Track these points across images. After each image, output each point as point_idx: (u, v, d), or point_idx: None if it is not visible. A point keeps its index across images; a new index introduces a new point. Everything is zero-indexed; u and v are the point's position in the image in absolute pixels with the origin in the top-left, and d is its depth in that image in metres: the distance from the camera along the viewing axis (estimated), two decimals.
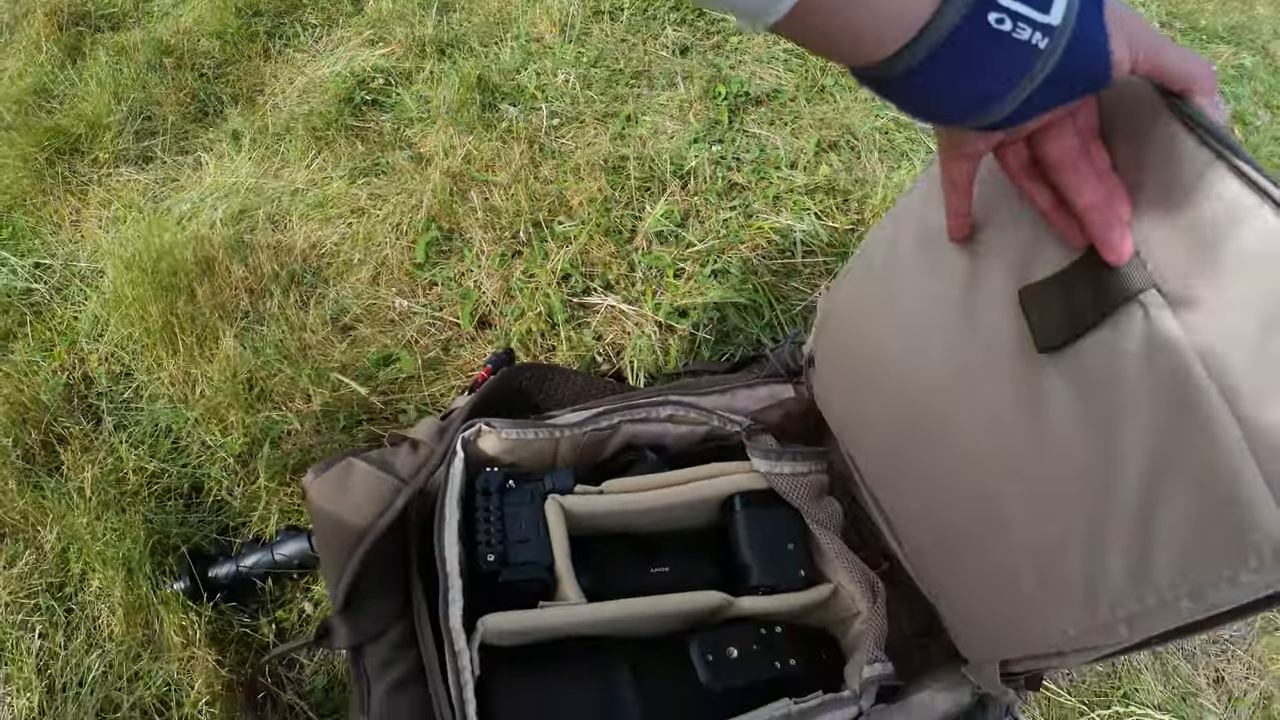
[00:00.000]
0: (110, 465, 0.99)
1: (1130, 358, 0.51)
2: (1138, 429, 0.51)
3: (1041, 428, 0.58)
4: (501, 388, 0.78)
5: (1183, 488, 0.49)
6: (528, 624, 0.65)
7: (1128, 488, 0.52)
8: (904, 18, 0.33)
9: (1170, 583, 0.51)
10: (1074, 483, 0.56)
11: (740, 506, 0.75)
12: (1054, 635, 0.59)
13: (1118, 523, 0.53)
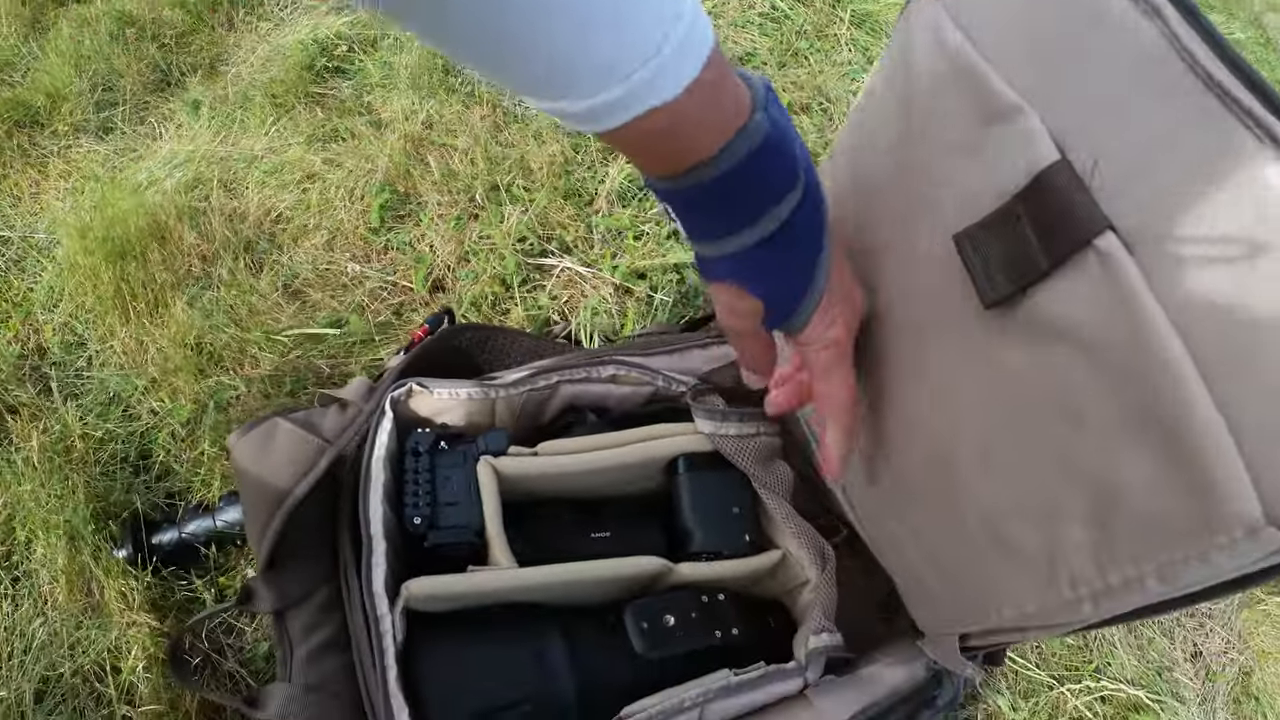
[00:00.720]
0: (58, 433, 0.97)
1: (1087, 313, 0.46)
2: (1097, 394, 0.46)
3: (994, 389, 0.53)
4: (439, 348, 0.75)
5: (1147, 458, 0.44)
6: (454, 589, 0.63)
7: (1088, 457, 0.48)
8: (700, 149, 0.40)
9: (1134, 559, 0.46)
10: (1030, 450, 0.52)
11: (684, 469, 0.72)
12: (1013, 610, 0.56)
13: (1078, 495, 0.49)
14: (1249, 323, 0.40)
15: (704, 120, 0.40)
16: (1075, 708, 0.92)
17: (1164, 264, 0.42)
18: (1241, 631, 1.06)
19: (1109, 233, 0.43)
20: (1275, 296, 0.38)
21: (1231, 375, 0.40)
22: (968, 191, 0.51)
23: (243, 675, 0.84)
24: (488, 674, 0.63)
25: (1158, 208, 0.42)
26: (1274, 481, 0.39)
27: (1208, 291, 0.41)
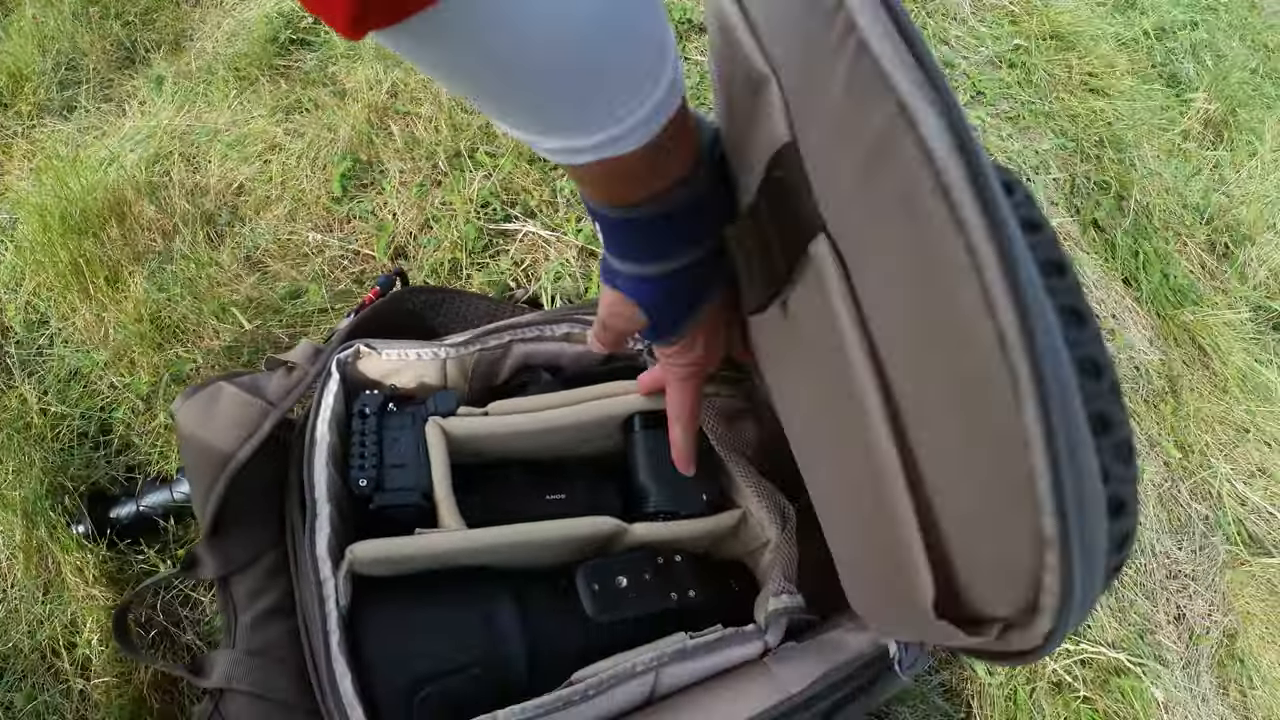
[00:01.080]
0: (16, 411, 0.95)
1: (816, 329, 0.41)
2: (833, 419, 0.42)
3: (798, 390, 0.51)
4: (389, 310, 0.73)
5: (866, 502, 0.40)
6: (401, 551, 0.61)
7: (843, 481, 0.45)
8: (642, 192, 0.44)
9: (882, 601, 0.45)
10: (824, 457, 0.50)
11: (640, 427, 0.70)
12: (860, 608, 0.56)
13: (846, 514, 0.48)
14: (932, 362, 0.33)
15: (655, 169, 0.43)
16: (1054, 672, 0.91)
17: (867, 278, 0.37)
18: (1225, 593, 1.04)
19: (821, 235, 0.38)
20: (945, 329, 0.31)
21: (921, 422, 0.35)
22: (746, 173, 0.47)
23: (199, 647, 0.83)
24: (434, 638, 0.61)
25: (853, 206, 0.36)
26: (964, 562, 0.36)
27: (896, 322, 0.35)
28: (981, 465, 0.31)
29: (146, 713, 0.81)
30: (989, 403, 0.29)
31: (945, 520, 0.36)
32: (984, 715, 0.87)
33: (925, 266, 0.31)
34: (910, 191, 0.30)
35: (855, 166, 0.34)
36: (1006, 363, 0.28)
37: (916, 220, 0.30)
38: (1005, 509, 0.30)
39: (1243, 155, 1.57)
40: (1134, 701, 0.92)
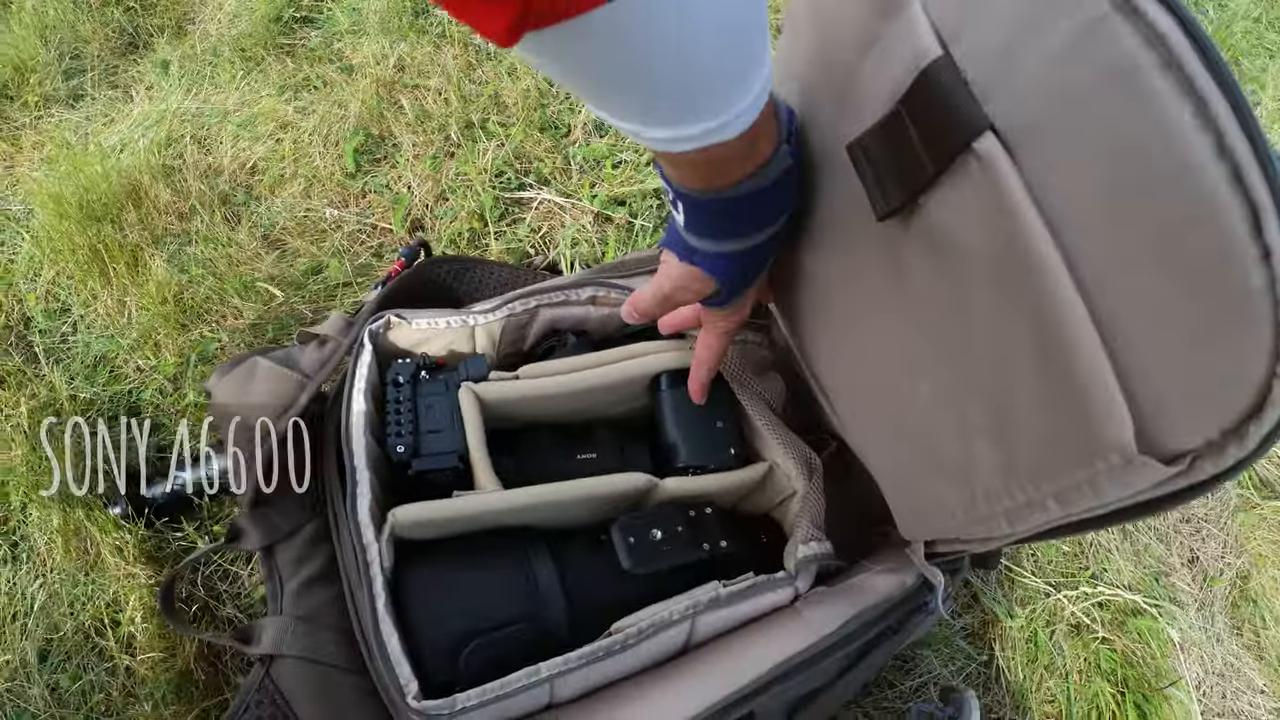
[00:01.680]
0: (45, 398, 0.97)
1: (973, 219, 0.44)
2: (985, 305, 0.45)
3: (906, 298, 0.52)
4: (415, 280, 0.75)
5: (1032, 375, 0.43)
6: (440, 514, 0.63)
7: (984, 369, 0.47)
8: (733, 175, 0.46)
9: (1034, 481, 0.46)
10: (940, 360, 0.51)
11: (666, 385, 0.71)
12: (949, 520, 0.56)
13: (980, 408, 0.48)
14: (1126, 228, 0.37)
15: (750, 152, 0.46)
16: (1072, 614, 0.93)
17: (1043, 163, 0.40)
18: (1238, 535, 1.06)
19: (988, 134, 0.41)
20: (1151, 192, 0.36)
21: (1109, 283, 0.39)
22: (866, 94, 0.49)
23: (240, 619, 0.85)
24: (476, 596, 0.63)
25: (1031, 101, 0.40)
26: (1151, 404, 0.38)
27: (1084, 195, 0.39)
28: (1197, 297, 0.35)
29: (192, 685, 0.82)
30: (1214, 236, 0.33)
31: (1134, 368, 0.38)
32: (1006, 657, 0.89)
33: (1138, 133, 0.35)
34: (1128, 71, 0.35)
35: (1045, 61, 0.38)
36: (1242, 194, 0.32)
37: (1134, 96, 0.35)
38: (1229, 327, 0.34)
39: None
40: (1150, 641, 0.94)
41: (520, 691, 0.57)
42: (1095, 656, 0.92)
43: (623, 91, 0.38)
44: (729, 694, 0.61)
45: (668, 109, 0.39)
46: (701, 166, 0.45)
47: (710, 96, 0.39)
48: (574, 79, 0.37)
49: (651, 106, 0.39)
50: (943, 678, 0.86)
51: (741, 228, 0.52)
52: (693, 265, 0.54)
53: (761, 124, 0.43)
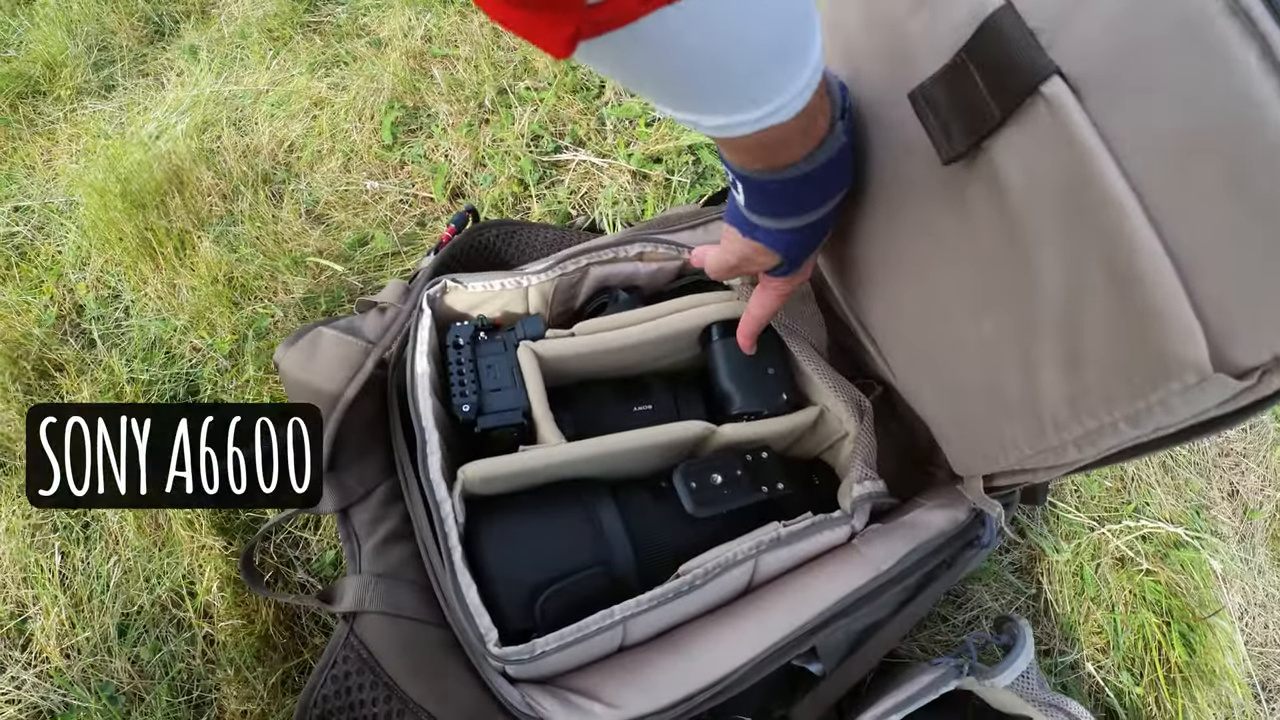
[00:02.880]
0: (106, 383, 1.00)
1: (1040, 160, 0.46)
2: (1054, 241, 0.47)
3: (970, 240, 0.54)
4: (467, 244, 0.77)
5: (1103, 303, 0.45)
6: (508, 468, 0.65)
7: (1053, 304, 0.49)
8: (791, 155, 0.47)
9: (1106, 405, 0.48)
10: (1005, 298, 0.53)
11: (718, 336, 0.73)
12: (1015, 453, 0.58)
13: (1048, 341, 0.50)
14: (1196, 163, 0.39)
15: (805, 132, 0.47)
16: (1116, 547, 0.95)
17: (1111, 105, 0.42)
18: (1277, 469, 1.07)
19: (1055, 78, 0.43)
20: (1220, 130, 0.38)
21: (1179, 214, 0.40)
22: (923, 46, 0.50)
23: (313, 583, 0.88)
24: (548, 546, 0.65)
25: (1097, 46, 0.42)
26: (1221, 324, 0.40)
27: (1155, 136, 0.41)
28: (1261, 229, 0.38)
29: (271, 649, 0.86)
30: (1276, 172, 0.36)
31: (1203, 296, 0.40)
32: (1054, 590, 0.91)
33: (1206, 78, 0.37)
34: (1194, 16, 0.37)
35: (1111, 10, 0.40)
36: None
37: (1200, 40, 0.37)
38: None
39: None
40: (1193, 573, 0.96)
41: (596, 634, 0.60)
42: (1140, 588, 0.94)
43: (678, 87, 0.39)
44: (793, 630, 0.64)
45: (723, 99, 0.40)
46: (758, 149, 0.46)
47: (764, 83, 0.40)
48: (629, 79, 0.39)
49: (707, 98, 0.40)
50: (993, 611, 0.88)
51: (801, 206, 0.53)
52: (755, 240, 0.56)
53: (816, 103, 0.44)
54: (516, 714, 0.59)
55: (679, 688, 0.61)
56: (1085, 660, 0.89)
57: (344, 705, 0.63)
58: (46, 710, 0.84)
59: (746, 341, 0.72)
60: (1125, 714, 0.86)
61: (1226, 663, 0.91)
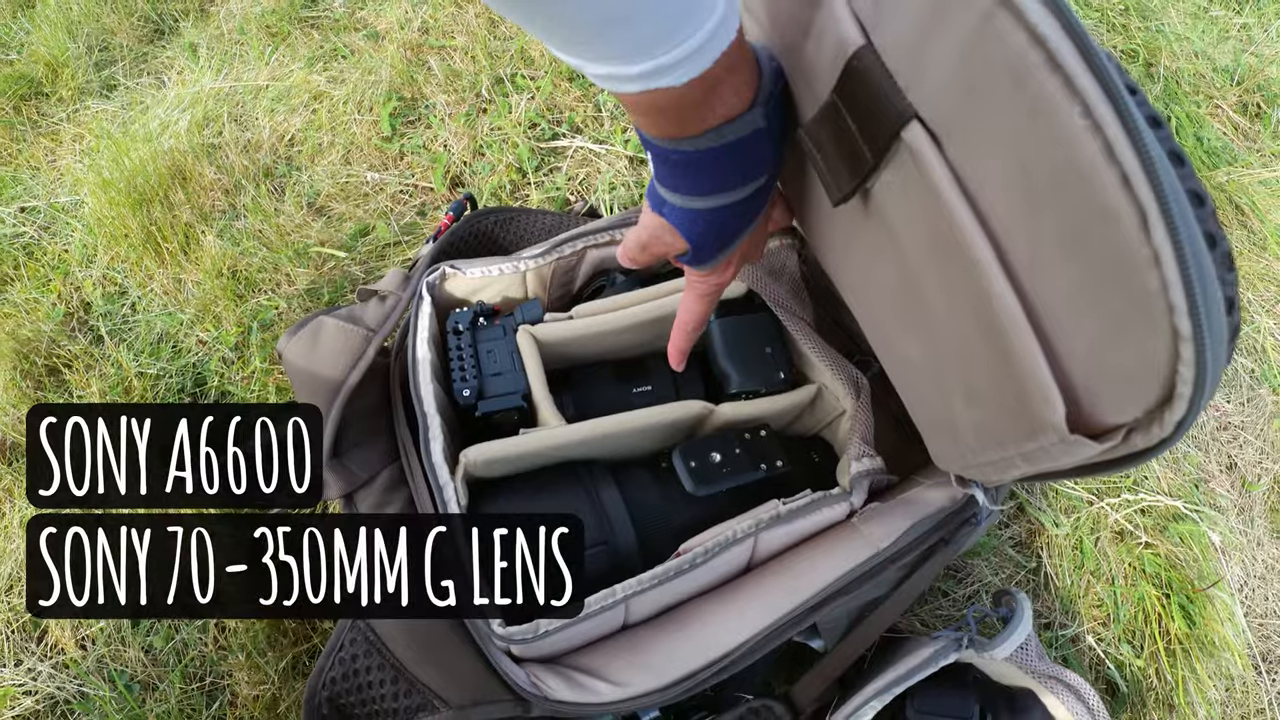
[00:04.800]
0: (114, 378, 1.01)
1: (912, 205, 0.45)
2: (936, 285, 0.47)
3: (880, 270, 0.54)
4: (465, 232, 0.78)
5: (982, 350, 0.44)
6: (509, 451, 0.66)
7: (949, 340, 0.49)
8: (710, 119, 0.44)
9: (999, 443, 0.48)
10: (916, 327, 0.53)
11: (715, 316, 0.74)
12: (956, 463, 0.59)
13: (951, 374, 0.51)
14: (1040, 219, 0.38)
15: (706, 104, 0.43)
16: (1115, 521, 0.95)
17: (966, 153, 0.41)
18: (1274, 441, 1.07)
19: (914, 123, 0.42)
20: (1055, 187, 0.36)
21: (1034, 271, 0.39)
22: (813, 77, 0.48)
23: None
24: None
25: (948, 92, 0.40)
26: (1084, 382, 0.40)
27: (1004, 188, 0.39)
28: (1109, 292, 0.36)
29: (281, 635, 0.87)
30: (1113, 237, 0.34)
31: (1065, 352, 0.40)
32: (1054, 564, 0.92)
33: (1039, 132, 0.35)
34: (1020, 70, 0.35)
35: (952, 55, 0.38)
36: (1132, 198, 0.33)
37: (1028, 94, 0.35)
38: (1135, 324, 0.35)
39: (1270, 14, 1.55)
40: (1193, 545, 0.97)
41: (598, 613, 0.61)
42: (1139, 561, 0.94)
43: (551, 20, 0.37)
44: (794, 607, 0.65)
45: (601, 44, 0.38)
46: (653, 113, 0.44)
47: (643, 36, 0.38)
48: (512, 13, 0.37)
49: (583, 39, 0.38)
50: (993, 585, 0.89)
51: (703, 184, 0.49)
52: (662, 217, 0.52)
53: (719, 75, 0.41)
54: (522, 693, 0.60)
55: (682, 665, 0.62)
56: (1086, 633, 0.90)
57: (352, 687, 0.64)
58: (63, 700, 0.85)
59: (677, 358, 0.66)
60: (1126, 686, 0.87)
61: (1226, 634, 0.92)
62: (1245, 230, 1.28)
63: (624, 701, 0.61)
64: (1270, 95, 1.43)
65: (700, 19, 0.38)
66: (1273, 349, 1.17)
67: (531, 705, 0.61)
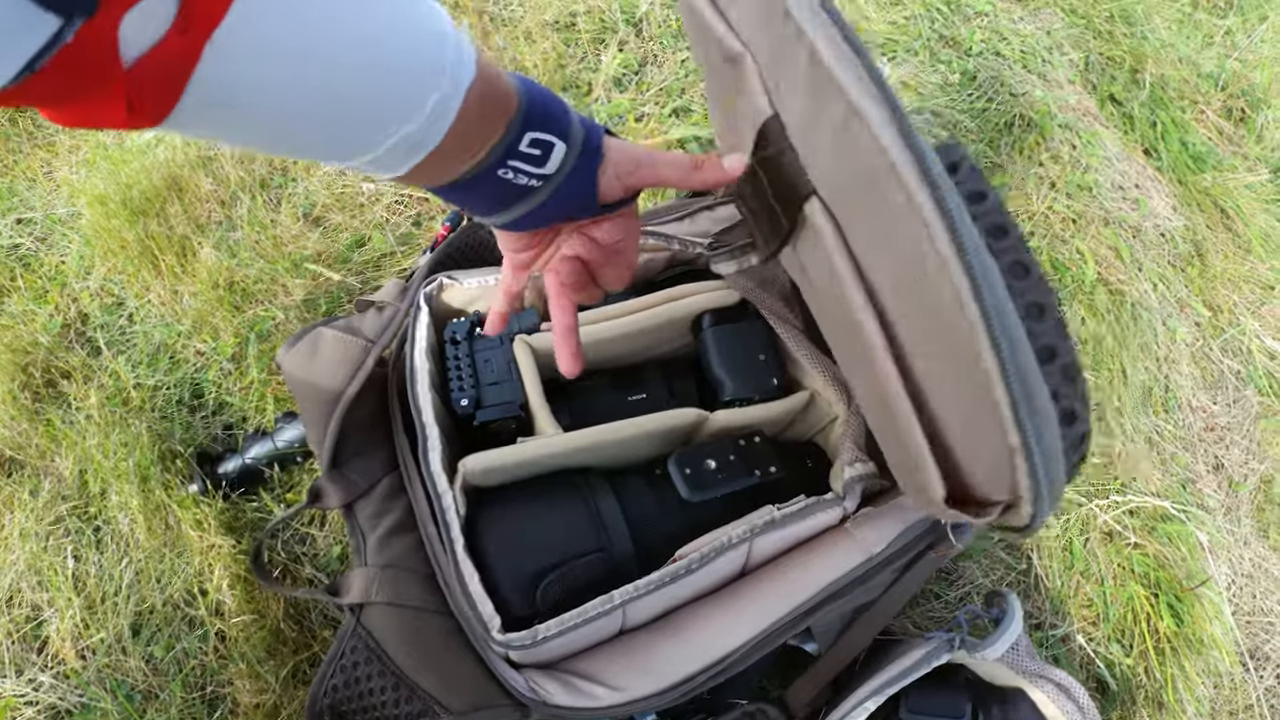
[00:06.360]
0: (113, 388, 1.02)
1: (819, 273, 0.47)
2: (846, 346, 0.49)
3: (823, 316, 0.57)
4: (462, 242, 0.79)
5: (883, 415, 0.47)
6: (507, 460, 0.67)
7: (869, 396, 0.51)
8: (460, 170, 0.43)
9: (922, 491, 0.49)
10: (853, 373, 0.56)
11: (709, 324, 0.75)
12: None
13: (878, 424, 0.53)
14: (913, 307, 0.40)
15: (456, 155, 0.42)
16: (1104, 522, 0.97)
17: (855, 233, 0.42)
18: (1260, 442, 1.09)
19: (814, 198, 0.43)
20: (916, 282, 0.38)
21: (916, 353, 0.42)
22: (741, 137, 0.50)
23: (320, 578, 0.90)
24: (547, 534, 0.67)
25: (835, 175, 0.41)
26: (965, 458, 0.42)
27: (885, 272, 0.41)
28: (964, 390, 0.39)
29: (282, 643, 0.88)
30: (958, 345, 0.37)
31: (947, 429, 0.43)
32: (1044, 565, 0.93)
33: (897, 233, 0.37)
34: (874, 172, 0.37)
35: (829, 147, 0.40)
36: (964, 317, 0.35)
37: (885, 196, 0.37)
38: (984, 424, 0.38)
39: (1254, 20, 1.57)
40: (1180, 545, 0.98)
41: (596, 618, 0.62)
42: (1128, 561, 0.96)
43: (265, 148, 0.38)
44: (789, 612, 0.66)
45: (319, 151, 0.39)
46: (416, 176, 0.43)
47: (348, 139, 0.38)
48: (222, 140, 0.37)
49: (297, 153, 0.40)
50: (984, 587, 0.90)
51: (499, 203, 0.47)
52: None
53: (465, 125, 0.40)
54: (520, 698, 0.61)
55: (679, 669, 0.64)
56: (1076, 633, 0.91)
57: (353, 695, 0.65)
58: (64, 710, 0.86)
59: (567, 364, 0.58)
60: (1116, 684, 0.89)
61: (1215, 632, 0.94)
62: (1230, 234, 1.30)
63: (622, 706, 0.62)
64: (1254, 100, 1.45)
65: (419, 101, 0.38)
66: (1258, 350, 1.19)
67: (530, 710, 0.62)
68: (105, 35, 0.27)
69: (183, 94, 0.30)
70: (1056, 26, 1.40)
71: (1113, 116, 1.34)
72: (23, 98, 0.26)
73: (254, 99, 0.33)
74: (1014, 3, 1.41)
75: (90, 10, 0.25)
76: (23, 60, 0.24)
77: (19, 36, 0.24)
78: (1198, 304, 1.19)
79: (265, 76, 0.33)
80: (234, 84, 0.32)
